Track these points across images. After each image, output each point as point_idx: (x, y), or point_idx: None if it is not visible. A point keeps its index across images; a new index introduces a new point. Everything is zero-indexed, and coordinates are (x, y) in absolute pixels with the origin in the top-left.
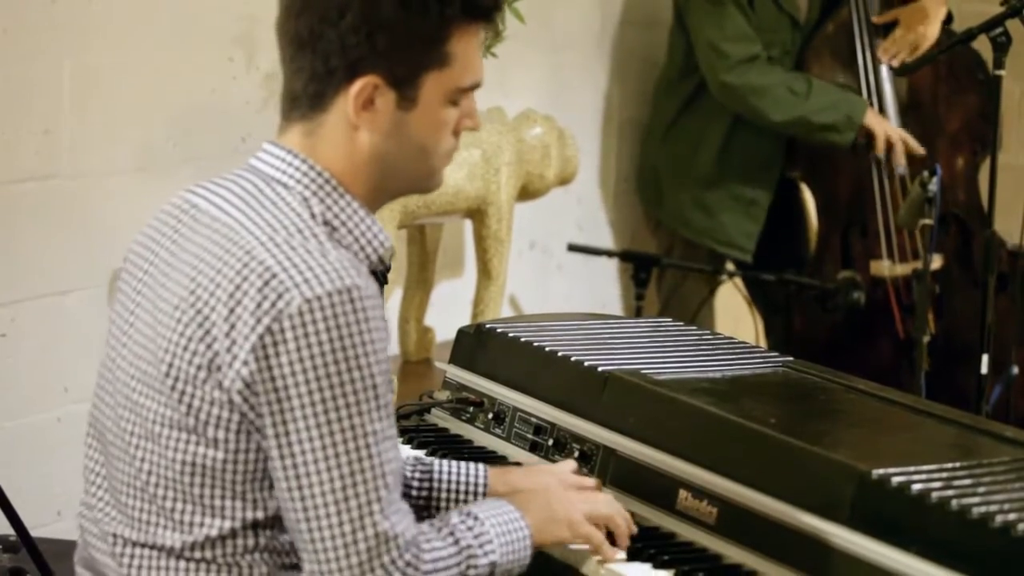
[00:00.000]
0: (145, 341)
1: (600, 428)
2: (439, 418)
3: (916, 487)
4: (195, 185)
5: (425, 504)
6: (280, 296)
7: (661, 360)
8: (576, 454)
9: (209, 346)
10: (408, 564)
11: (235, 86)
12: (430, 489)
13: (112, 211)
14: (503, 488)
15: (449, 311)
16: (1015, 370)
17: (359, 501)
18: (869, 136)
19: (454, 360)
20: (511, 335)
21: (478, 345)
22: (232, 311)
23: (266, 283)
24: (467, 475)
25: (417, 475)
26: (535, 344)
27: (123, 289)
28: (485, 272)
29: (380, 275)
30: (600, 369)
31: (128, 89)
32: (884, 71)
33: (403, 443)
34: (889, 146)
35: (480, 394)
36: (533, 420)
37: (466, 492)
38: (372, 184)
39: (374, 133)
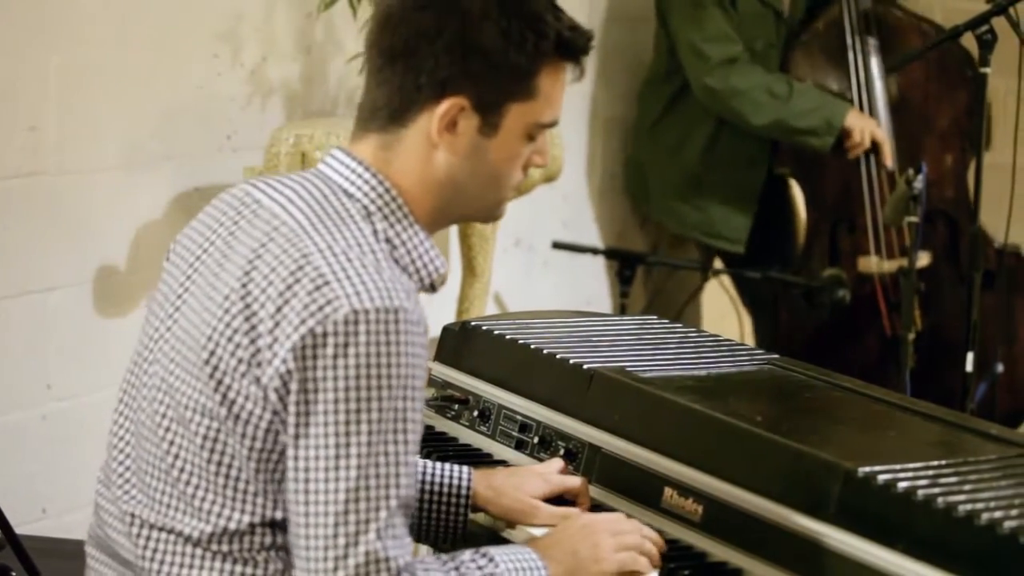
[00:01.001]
0: (190, 327)
1: (585, 426)
2: (424, 415)
3: (902, 485)
4: (257, 180)
5: None
6: (329, 302)
7: (646, 358)
8: (561, 452)
9: (253, 341)
10: None
11: (220, 83)
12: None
13: (97, 208)
14: (487, 491)
15: (434, 308)
16: (1000, 368)
17: (358, 518)
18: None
19: (439, 358)
20: (496, 332)
21: (463, 342)
22: (279, 309)
23: (317, 288)
24: (451, 476)
25: None
26: (520, 342)
27: (171, 272)
28: (470, 269)
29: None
30: (585, 367)
31: (114, 86)
32: (874, 68)
33: None
34: (873, 146)
35: (465, 392)
36: (518, 418)
37: (448, 493)
38: (439, 205)
39: (452, 155)
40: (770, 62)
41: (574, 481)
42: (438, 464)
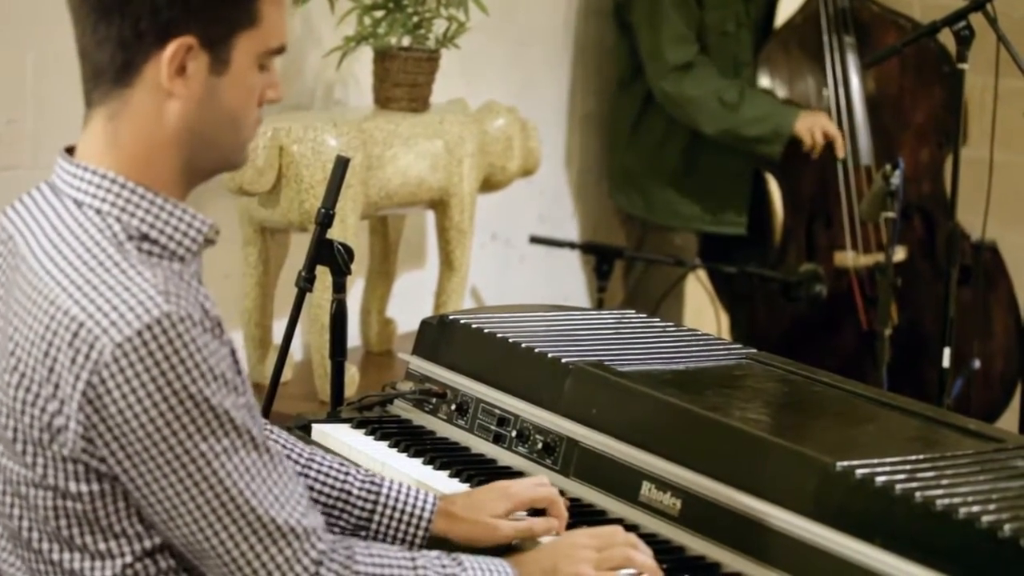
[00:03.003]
0: None
1: (563, 420)
2: (402, 409)
3: (880, 479)
4: (12, 207)
5: (366, 523)
6: (92, 347)
7: (624, 352)
8: (540, 445)
9: (43, 409)
10: (323, 554)
11: None
12: (372, 511)
13: None
14: (443, 522)
15: (411, 302)
16: (976, 363)
17: (238, 526)
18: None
19: (417, 351)
20: (474, 326)
21: (441, 336)
22: (51, 370)
23: (75, 335)
24: (414, 501)
25: (364, 492)
26: (498, 336)
27: None
28: (447, 263)
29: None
30: (563, 361)
31: None
32: (851, 65)
33: (365, 435)
34: (827, 141)
35: (443, 385)
36: (496, 411)
37: (408, 523)
38: (180, 162)
39: (187, 102)
40: (742, 43)
41: (540, 492)
42: (404, 486)
